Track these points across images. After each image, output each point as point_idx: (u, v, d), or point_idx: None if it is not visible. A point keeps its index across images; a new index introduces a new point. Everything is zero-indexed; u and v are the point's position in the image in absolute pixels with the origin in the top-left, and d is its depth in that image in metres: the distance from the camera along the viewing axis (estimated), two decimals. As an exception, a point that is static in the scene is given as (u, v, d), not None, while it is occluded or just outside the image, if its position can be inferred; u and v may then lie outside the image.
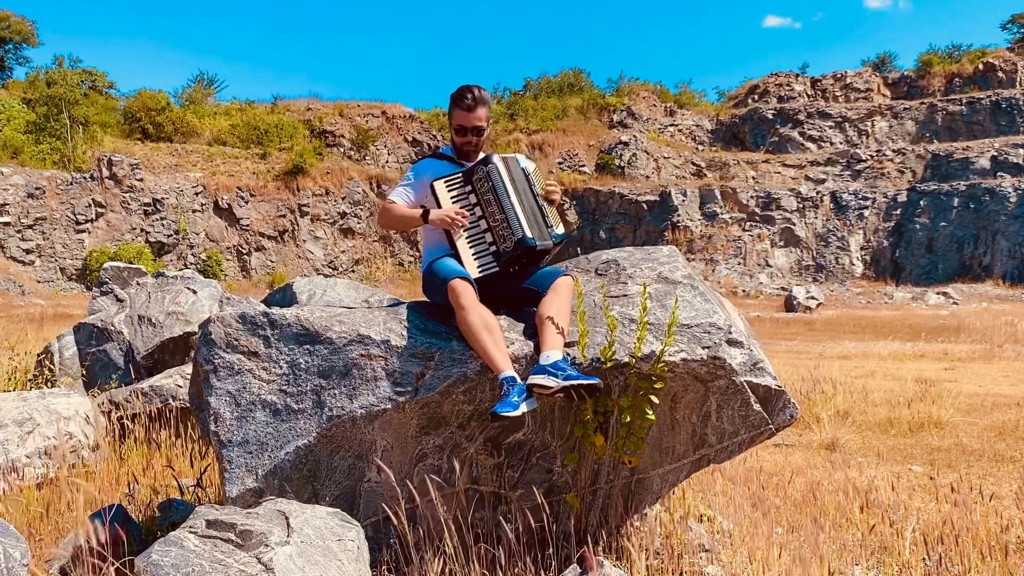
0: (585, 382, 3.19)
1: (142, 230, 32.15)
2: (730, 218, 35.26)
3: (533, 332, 3.51)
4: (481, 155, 3.89)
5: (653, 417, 3.43)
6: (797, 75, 42.40)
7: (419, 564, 3.37)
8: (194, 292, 6.71)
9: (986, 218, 33.14)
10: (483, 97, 3.85)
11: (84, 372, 6.41)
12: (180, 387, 5.93)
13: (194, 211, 33.46)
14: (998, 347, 15.78)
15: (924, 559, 4.14)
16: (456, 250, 3.62)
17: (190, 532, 3.02)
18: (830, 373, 10.88)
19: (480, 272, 3.58)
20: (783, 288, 31.91)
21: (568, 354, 3.39)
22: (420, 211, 3.66)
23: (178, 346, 6.46)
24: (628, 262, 3.96)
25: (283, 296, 6.85)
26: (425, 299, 3.85)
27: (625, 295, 3.72)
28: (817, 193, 36.29)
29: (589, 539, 3.62)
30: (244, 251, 34.73)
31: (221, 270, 33.19)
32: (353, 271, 36.71)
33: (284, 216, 35.43)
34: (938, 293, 30.10)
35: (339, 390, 3.47)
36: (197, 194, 33.56)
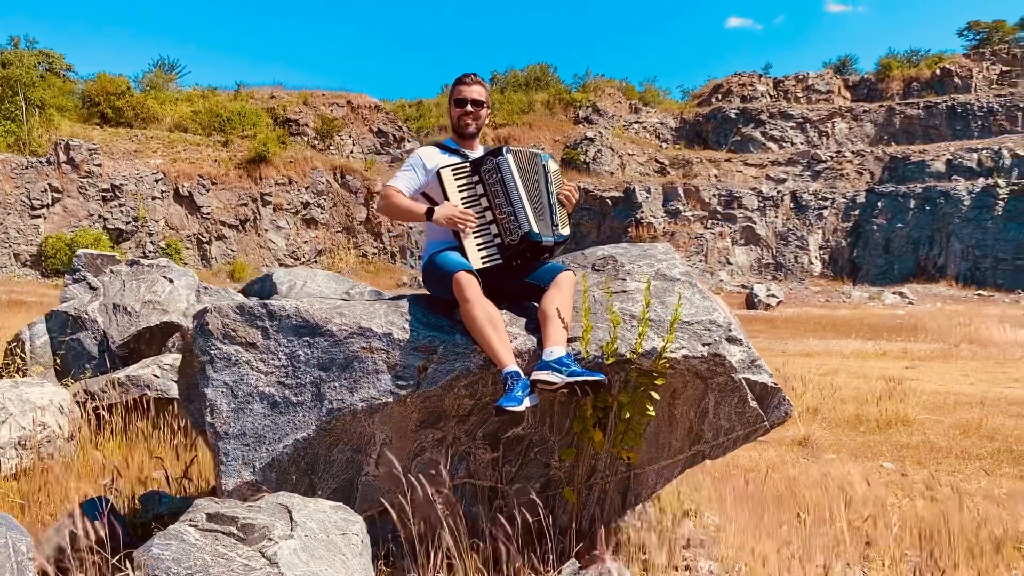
0: (590, 378, 3.20)
1: (100, 216, 31.50)
2: (692, 215, 35.60)
3: (535, 327, 3.51)
4: (484, 147, 3.88)
5: (653, 413, 3.46)
6: (760, 75, 42.90)
7: (416, 558, 3.36)
8: (171, 281, 6.59)
9: (941, 220, 33.88)
10: (482, 80, 3.92)
11: (57, 361, 6.26)
12: (157, 377, 5.83)
13: (154, 198, 32.87)
14: (955, 347, 16.16)
15: (906, 553, 4.23)
16: (460, 239, 3.60)
17: (190, 525, 2.98)
18: (797, 371, 11.06)
19: (483, 263, 3.57)
20: (743, 285, 32.30)
21: (571, 350, 3.40)
22: (424, 207, 3.63)
23: (155, 335, 6.35)
24: (625, 258, 3.98)
25: (262, 286, 6.77)
26: (424, 292, 3.83)
27: (624, 291, 3.74)
28: (778, 192, 36.78)
29: (589, 534, 3.63)
30: (204, 240, 34.21)
31: (181, 259, 32.65)
32: (315, 261, 36.35)
33: (246, 205, 34.95)
34: (894, 293, 30.71)
35: (339, 383, 3.44)
36: (157, 181, 32.96)
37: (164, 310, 6.41)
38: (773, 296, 28.90)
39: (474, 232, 3.62)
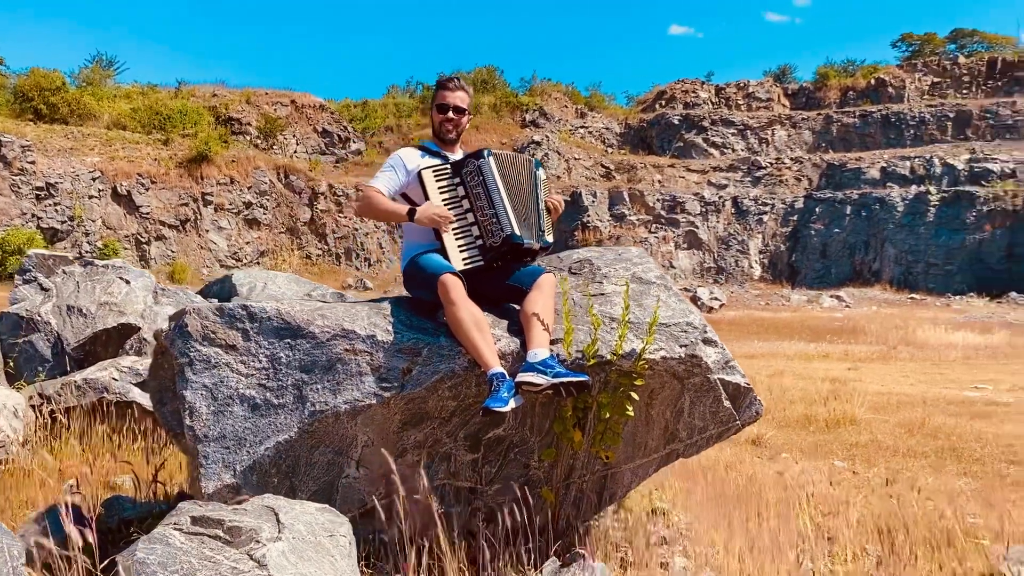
0: (574, 379, 3.26)
1: (33, 215, 30.53)
2: (637, 220, 36.05)
3: (517, 329, 3.56)
4: (463, 150, 3.91)
5: (632, 413, 3.53)
6: (702, 83, 43.65)
7: (398, 559, 3.37)
8: (127, 282, 6.46)
9: (876, 226, 34.90)
10: (466, 85, 3.95)
11: (10, 364, 6.08)
12: (116, 380, 5.71)
13: (90, 197, 31.98)
14: (893, 349, 16.69)
15: (866, 548, 4.39)
16: (442, 241, 3.63)
17: (175, 529, 2.95)
18: (744, 372, 11.29)
19: (465, 264, 3.60)
20: (686, 289, 32.82)
21: (554, 351, 3.45)
22: (407, 208, 3.64)
23: (112, 337, 6.21)
24: (601, 262, 4.05)
25: (221, 288, 6.69)
26: (404, 295, 3.84)
27: (603, 294, 3.81)
28: (719, 198, 37.47)
29: (568, 532, 3.69)
30: (143, 240, 33.39)
31: (118, 260, 31.83)
32: (258, 263, 35.78)
33: (186, 205, 34.22)
34: (831, 296, 31.54)
35: (322, 385, 3.43)
36: (94, 179, 32.09)
37: (121, 312, 6.28)
38: (716, 299, 29.43)
39: (456, 234, 3.64)
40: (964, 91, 40.20)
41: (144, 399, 5.52)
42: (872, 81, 41.27)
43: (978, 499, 5.52)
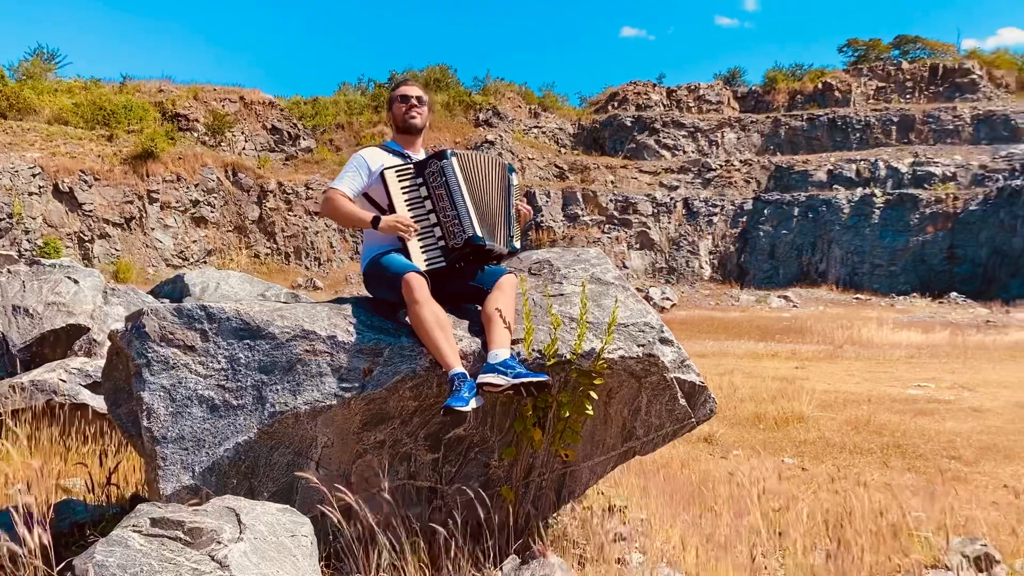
0: (534, 379, 3.30)
1: (-30, 212, 29.63)
2: (590, 220, 36.32)
3: (479, 329, 3.58)
4: (426, 151, 3.93)
5: (591, 412, 3.58)
6: (654, 85, 44.12)
7: (359, 559, 3.37)
8: (76, 282, 6.33)
9: (823, 227, 35.67)
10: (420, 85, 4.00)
11: (-48, 366, 5.92)
12: (65, 382, 5.60)
13: (30, 194, 31.15)
14: (839, 347, 17.07)
15: (815, 543, 4.51)
16: (404, 242, 3.63)
17: (134, 531, 2.92)
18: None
19: (427, 265, 3.61)
20: (639, 289, 33.11)
21: (515, 352, 3.48)
22: (371, 215, 3.63)
23: (60, 338, 6.08)
24: (561, 262, 4.10)
25: (173, 288, 6.60)
26: (365, 295, 3.84)
27: (562, 294, 3.86)
28: (671, 199, 37.93)
29: (527, 530, 3.72)
30: (86, 238, 32.63)
31: (60, 258, 31.06)
32: (205, 262, 35.19)
33: (131, 202, 33.51)
34: (779, 296, 32.13)
35: (282, 386, 3.42)
36: (35, 176, 31.26)
37: (69, 312, 6.15)
38: (667, 299, 29.79)
39: (418, 234, 3.65)
40: (907, 96, 41.29)
41: (95, 401, 5.43)
42: (819, 85, 42.15)
43: (922, 493, 5.70)
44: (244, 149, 37.84)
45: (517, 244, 3.88)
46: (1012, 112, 37.91)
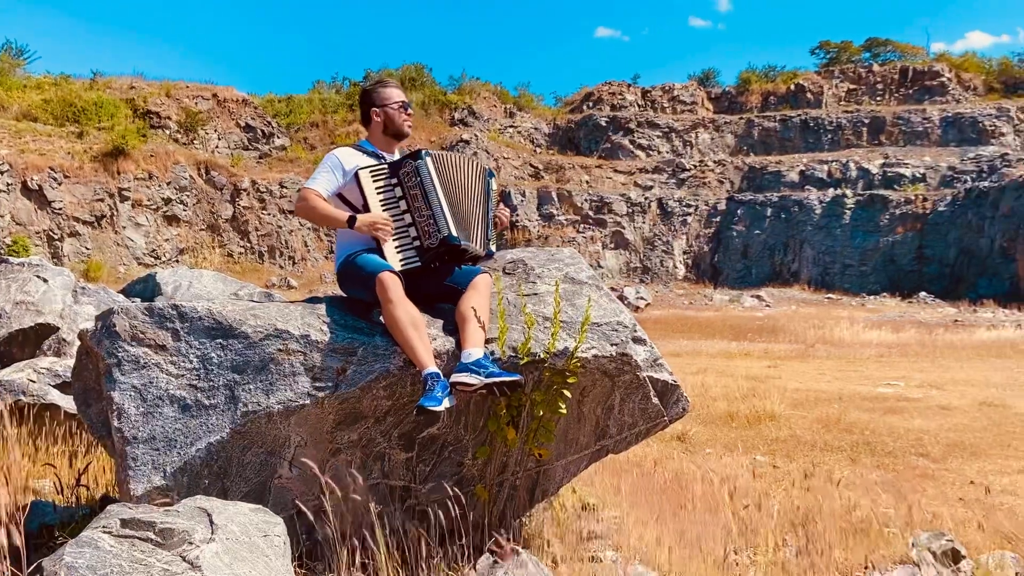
0: (507, 379, 3.31)
1: (-64, 210, 29.15)
2: (566, 219, 36.42)
3: (453, 328, 3.59)
4: (400, 151, 3.93)
5: (565, 411, 3.60)
6: (629, 85, 44.31)
7: (332, 558, 3.37)
8: (45, 281, 6.25)
9: (795, 228, 36.02)
10: None
11: (-83, 365, 5.82)
12: (34, 382, 5.53)
13: (-1, 191, 30.68)
14: (811, 347, 17.25)
15: (786, 539, 4.56)
16: (379, 242, 3.63)
17: (104, 532, 2.89)
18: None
19: (402, 265, 3.61)
20: (613, 288, 33.29)
21: (488, 351, 3.49)
22: (347, 215, 3.63)
23: (28, 338, 6.00)
24: (535, 262, 4.11)
25: (145, 287, 6.54)
26: (339, 295, 3.83)
27: (536, 294, 3.87)
28: (645, 199, 38.12)
29: (500, 529, 3.73)
30: (56, 236, 32.20)
31: (29, 256, 30.60)
32: (177, 261, 34.85)
33: (102, 200, 33.11)
34: (752, 296, 32.40)
35: (255, 385, 3.41)
36: (2, 173, 30.79)
37: (38, 311, 6.07)
38: (642, 298, 29.94)
39: (393, 234, 3.65)
40: (878, 98, 41.80)
41: (64, 401, 5.37)
42: (792, 87, 42.55)
43: (890, 490, 5.79)
44: (217, 147, 37.50)
45: (493, 247, 3.90)
46: (980, 114, 38.51)
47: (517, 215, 35.19)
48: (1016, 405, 9.90)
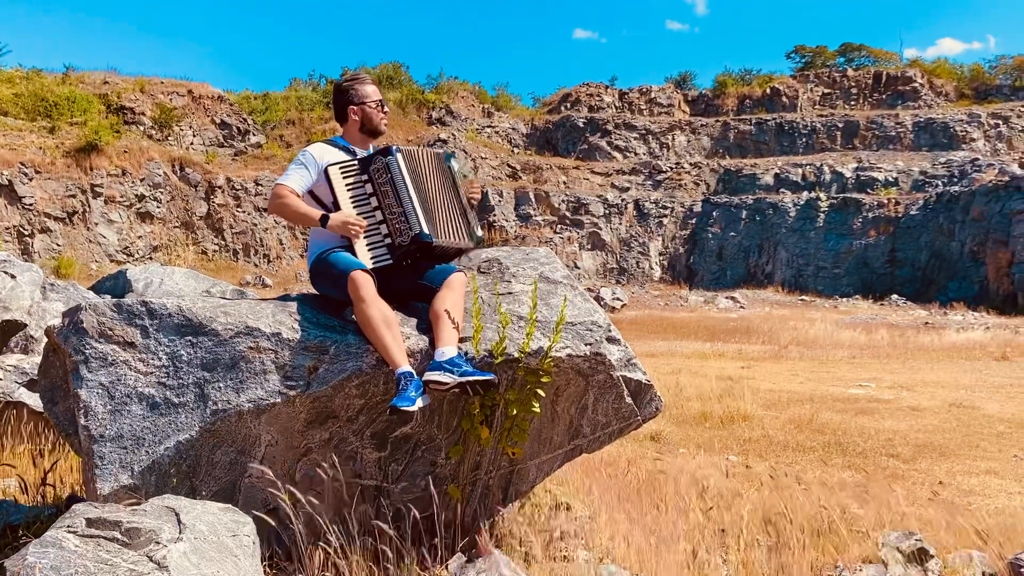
0: (480, 378, 3.30)
1: (-97, 204, 28.63)
2: (543, 220, 36.45)
3: (427, 327, 3.57)
4: (373, 147, 3.90)
5: (539, 410, 3.59)
6: (607, 87, 44.44)
7: (303, 558, 3.34)
8: (12, 277, 6.15)
9: (769, 230, 36.31)
10: None
11: None
12: (0, 379, 5.45)
13: (-33, 186, 30.21)
14: (784, 348, 17.39)
15: (757, 539, 4.59)
16: (351, 241, 3.60)
17: (69, 532, 2.85)
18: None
19: (373, 263, 3.58)
20: (589, 289, 33.36)
21: (462, 350, 3.48)
22: (320, 213, 3.60)
23: (-5, 335, 5.91)
24: (510, 261, 4.10)
25: (115, 284, 6.45)
26: (312, 292, 3.80)
27: (511, 293, 3.86)
28: (622, 200, 38.25)
29: (474, 529, 3.72)
30: (26, 233, 31.75)
31: (2, 252, 30.13)
32: (151, 258, 34.49)
33: (74, 196, 32.69)
34: (727, 297, 32.59)
35: (224, 383, 3.37)
36: (-28, 167, 30.32)
37: (6, 307, 5.97)
38: (618, 299, 30.03)
39: (364, 232, 3.62)
40: (852, 102, 42.23)
41: (32, 399, 5.29)
42: (767, 90, 42.90)
43: (861, 490, 5.83)
44: (192, 144, 37.16)
45: (479, 232, 3.87)
46: (951, 120, 39.02)
47: (494, 215, 35.17)
48: (984, 406, 10.03)
